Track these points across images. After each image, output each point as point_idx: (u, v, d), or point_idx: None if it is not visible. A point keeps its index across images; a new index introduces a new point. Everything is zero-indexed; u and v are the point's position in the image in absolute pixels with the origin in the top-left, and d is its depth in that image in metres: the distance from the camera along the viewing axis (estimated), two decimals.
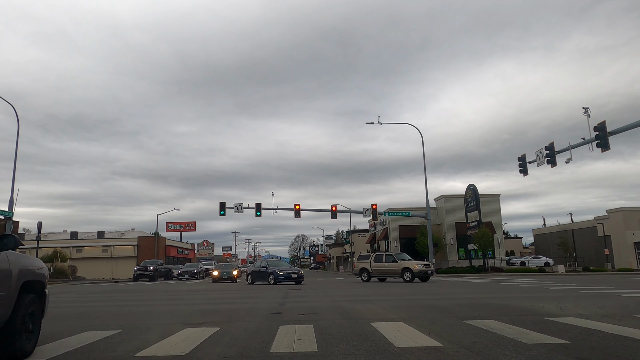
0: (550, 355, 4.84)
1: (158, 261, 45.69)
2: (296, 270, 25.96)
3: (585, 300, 11.48)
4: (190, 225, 79.73)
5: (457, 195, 46.54)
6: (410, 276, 25.18)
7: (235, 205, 41.27)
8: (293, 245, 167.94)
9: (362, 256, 29.11)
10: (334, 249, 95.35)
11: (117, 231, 78.24)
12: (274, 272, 25.05)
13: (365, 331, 6.75)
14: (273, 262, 27.89)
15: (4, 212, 28.51)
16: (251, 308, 11.06)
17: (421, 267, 25.59)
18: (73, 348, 5.77)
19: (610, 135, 21.67)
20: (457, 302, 11.57)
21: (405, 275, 25.40)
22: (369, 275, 27.22)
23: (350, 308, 10.45)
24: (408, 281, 24.92)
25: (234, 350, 5.42)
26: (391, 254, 27.78)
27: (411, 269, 25.44)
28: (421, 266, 25.67)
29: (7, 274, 4.74)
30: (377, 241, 55.71)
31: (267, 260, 29.07)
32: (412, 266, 25.66)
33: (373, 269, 27.01)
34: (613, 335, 6.06)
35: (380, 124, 37.85)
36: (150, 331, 7.20)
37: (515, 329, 6.66)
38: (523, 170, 28.85)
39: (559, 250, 53.78)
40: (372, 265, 27.10)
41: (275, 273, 24.93)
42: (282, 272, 25.17)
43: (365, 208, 42.72)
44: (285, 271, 25.39)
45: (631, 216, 49.75)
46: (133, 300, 15.33)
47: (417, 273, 25.17)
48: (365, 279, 27.21)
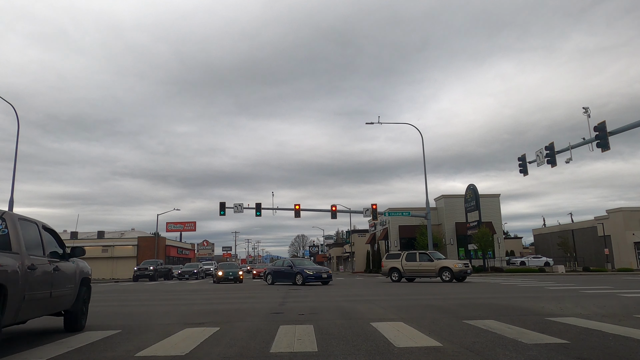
0: (550, 355, 4.84)
1: (158, 261, 45.70)
2: (325, 270, 23.97)
3: (585, 300, 11.48)
4: (190, 225, 79.71)
5: (457, 195, 46.55)
6: (450, 276, 23.63)
7: (235, 205, 41.28)
8: (293, 245, 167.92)
9: (391, 255, 27.58)
10: (334, 249, 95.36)
11: (117, 231, 78.22)
12: (301, 272, 23.09)
13: (365, 331, 6.75)
14: (299, 261, 25.90)
15: None
16: (251, 308, 11.06)
17: (461, 266, 24.11)
18: (73, 348, 5.77)
19: (610, 135, 21.67)
20: (457, 302, 11.57)
21: (444, 275, 23.86)
22: (399, 275, 25.79)
23: (350, 308, 10.45)
24: (447, 281, 23.50)
25: (234, 350, 5.43)
26: (426, 252, 26.17)
27: (451, 268, 23.89)
28: (461, 265, 24.20)
29: (74, 273, 7.25)
30: (377, 241, 55.71)
31: (290, 259, 27.17)
32: (451, 265, 24.15)
33: (405, 269, 25.57)
34: (613, 335, 6.06)
35: (380, 124, 37.85)
36: (150, 331, 7.21)
37: (515, 329, 6.66)
38: (523, 170, 28.85)
39: (559, 250, 53.79)
40: (403, 264, 25.65)
41: (304, 273, 22.96)
42: (312, 271, 23.23)
43: (365, 208, 42.73)
44: (315, 271, 23.41)
45: (631, 216, 49.74)
46: (133, 300, 15.33)
47: (458, 273, 23.65)
48: (396, 279, 25.82)
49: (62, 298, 6.78)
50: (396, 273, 25.95)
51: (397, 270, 25.92)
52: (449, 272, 23.77)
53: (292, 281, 23.81)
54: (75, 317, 7.26)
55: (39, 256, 6.08)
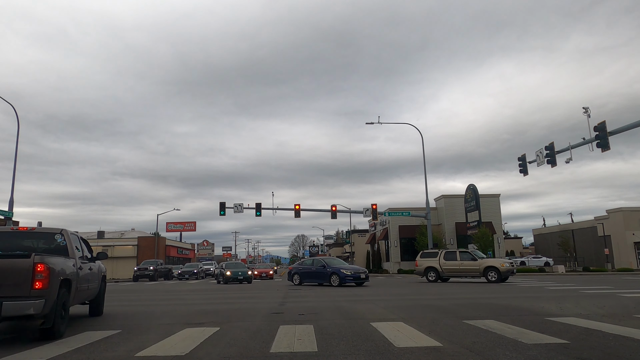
0: (550, 355, 4.84)
1: (158, 261, 45.68)
2: (363, 270, 22.09)
3: (585, 300, 11.48)
4: (190, 225, 79.67)
5: (457, 195, 46.52)
6: (497, 276, 22.14)
7: (235, 205, 41.25)
8: (293, 245, 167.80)
9: (427, 254, 25.77)
10: (334, 249, 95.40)
11: (117, 231, 78.17)
12: (338, 272, 21.19)
13: (365, 331, 6.75)
14: (330, 260, 23.83)
15: (3, 212, 28.51)
16: (251, 308, 11.06)
17: (508, 265, 22.76)
18: (73, 348, 5.77)
19: (610, 135, 21.65)
20: (457, 302, 11.57)
21: (490, 275, 22.35)
22: (437, 275, 24.28)
23: (350, 308, 10.45)
24: (493, 282, 22.06)
25: (234, 350, 5.43)
26: (467, 251, 24.85)
27: (498, 267, 22.40)
28: (508, 265, 22.82)
29: (98, 272, 9.61)
30: (377, 241, 55.67)
31: (321, 257, 25.26)
32: (498, 265, 22.60)
33: (444, 268, 24.07)
34: (613, 335, 6.06)
35: (380, 124, 37.82)
36: (150, 331, 7.21)
37: (515, 329, 6.66)
38: (523, 170, 28.83)
39: (559, 250, 53.79)
40: (441, 263, 24.16)
41: (341, 273, 21.04)
42: (349, 271, 21.32)
43: (365, 208, 42.69)
44: (353, 271, 21.52)
45: (631, 216, 49.72)
46: (133, 300, 15.32)
47: (505, 272, 22.26)
48: (433, 279, 24.30)
49: (92, 290, 9.06)
50: (433, 273, 24.41)
51: (434, 269, 24.43)
52: (495, 271, 22.35)
53: (325, 282, 21.98)
54: (97, 305, 9.73)
55: (81, 260, 8.18)
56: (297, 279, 23.70)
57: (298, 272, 23.84)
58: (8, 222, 29.04)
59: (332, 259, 24.57)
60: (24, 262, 6.19)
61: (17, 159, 29.74)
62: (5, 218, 28.98)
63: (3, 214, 28.60)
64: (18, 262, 6.21)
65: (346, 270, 21.44)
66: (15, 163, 29.67)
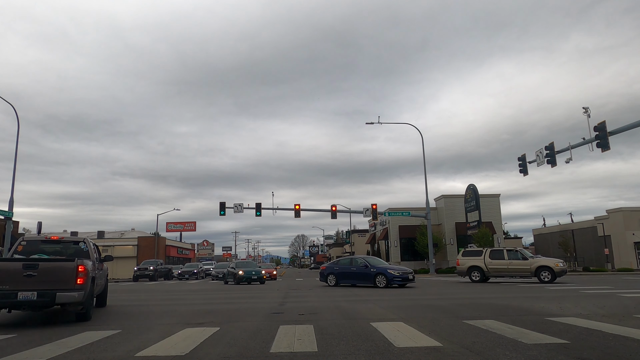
0: (550, 355, 4.84)
1: (158, 261, 45.65)
2: (410, 271, 20.45)
3: (585, 300, 11.48)
4: (190, 225, 79.67)
5: (457, 195, 46.50)
6: (550, 276, 21.13)
7: (235, 205, 41.25)
8: (293, 245, 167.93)
9: (469, 252, 24.55)
10: (334, 249, 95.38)
11: (117, 231, 78.17)
12: (384, 272, 19.67)
13: (365, 331, 6.75)
14: (372, 259, 22.13)
15: (3, 212, 28.50)
16: (251, 308, 11.06)
17: (562, 265, 21.82)
18: (73, 348, 5.77)
19: (610, 136, 21.66)
20: (457, 302, 11.57)
21: (542, 274, 21.31)
22: (482, 275, 22.99)
23: (350, 308, 10.45)
24: (546, 282, 20.94)
25: (234, 350, 5.43)
26: (515, 249, 23.66)
27: (552, 267, 21.39)
28: (562, 264, 21.86)
29: (105, 271, 11.87)
30: (377, 241, 55.70)
31: (362, 256, 23.46)
32: (552, 264, 21.59)
33: (489, 267, 22.89)
34: (613, 335, 6.06)
35: (380, 124, 37.83)
36: (150, 331, 7.21)
37: (515, 329, 6.66)
38: (523, 170, 28.84)
39: (559, 250, 53.75)
40: (487, 262, 23.00)
41: (389, 273, 19.55)
42: (397, 272, 19.78)
43: (365, 208, 42.70)
44: (401, 271, 19.96)
45: (631, 216, 49.70)
46: (133, 300, 15.32)
47: (560, 272, 21.36)
48: (477, 279, 23.02)
49: (102, 286, 11.18)
50: (477, 272, 23.16)
51: (478, 269, 23.18)
52: (549, 271, 21.33)
53: (368, 283, 20.30)
54: (103, 298, 11.84)
55: (96, 261, 10.05)
56: (333, 280, 21.80)
57: (334, 272, 22.00)
58: (8, 222, 29.03)
59: (372, 258, 22.95)
60: (69, 264, 8.43)
61: (17, 159, 29.75)
62: (5, 218, 28.96)
63: (3, 214, 28.58)
64: (65, 264, 8.44)
65: (393, 270, 20.04)
66: (15, 163, 29.68)
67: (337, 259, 23.44)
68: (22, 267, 8.18)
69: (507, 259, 22.76)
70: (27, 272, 8.13)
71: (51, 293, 8.09)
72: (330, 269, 22.53)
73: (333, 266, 22.69)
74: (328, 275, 22.25)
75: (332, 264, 23.29)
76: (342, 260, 23.47)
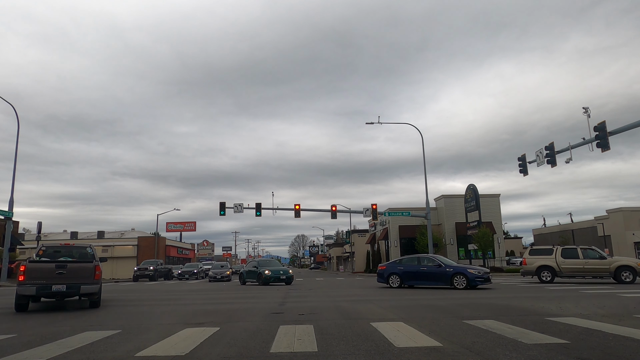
0: (550, 355, 4.84)
1: (158, 261, 45.64)
2: (488, 271, 18.76)
3: (585, 300, 11.48)
4: (190, 225, 79.68)
5: (457, 195, 46.50)
6: (632, 276, 19.68)
7: (235, 205, 41.24)
8: (293, 245, 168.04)
9: (538, 250, 23.03)
10: (334, 249, 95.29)
11: (117, 231, 78.15)
12: (464, 272, 17.93)
13: (365, 331, 6.75)
14: (444, 258, 20.20)
15: (3, 212, 28.51)
16: (251, 308, 11.06)
17: None
18: (73, 348, 5.77)
19: (610, 136, 21.66)
20: (457, 302, 11.57)
21: (624, 274, 19.78)
22: (553, 275, 21.39)
23: (350, 308, 10.45)
24: (627, 282, 19.45)
25: (234, 350, 5.43)
26: (591, 247, 22.15)
27: (634, 267, 19.86)
28: None
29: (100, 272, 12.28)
30: (377, 241, 55.68)
31: (432, 255, 21.07)
32: (634, 264, 20.04)
33: (562, 267, 21.28)
34: (613, 335, 6.06)
35: (380, 124, 37.81)
36: (150, 331, 7.21)
37: (515, 329, 6.66)
38: (523, 170, 28.83)
39: None
40: (559, 261, 21.42)
41: (470, 273, 17.84)
42: (478, 272, 18.15)
43: (365, 208, 42.68)
44: (481, 272, 18.26)
45: (631, 216, 49.73)
46: (133, 300, 15.32)
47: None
48: (548, 279, 21.36)
49: None
50: (548, 272, 21.54)
51: (549, 268, 21.59)
52: (631, 271, 19.86)
53: (444, 284, 18.44)
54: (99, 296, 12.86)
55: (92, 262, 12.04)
56: (397, 281, 19.62)
57: (397, 272, 19.66)
58: (8, 222, 29.03)
59: (440, 257, 20.82)
60: (89, 264, 11.75)
61: (17, 159, 29.77)
62: (5, 218, 28.96)
63: (3, 214, 28.59)
64: (87, 264, 11.73)
65: (473, 270, 18.27)
66: (15, 163, 29.70)
67: (399, 258, 21.55)
68: (55, 267, 11.21)
69: (582, 258, 21.21)
70: (59, 271, 11.16)
71: (77, 286, 11.22)
72: (392, 268, 20.15)
73: (395, 265, 20.25)
74: (390, 275, 19.88)
75: (393, 263, 20.76)
76: (406, 259, 20.95)
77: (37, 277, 11.01)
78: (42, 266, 11.27)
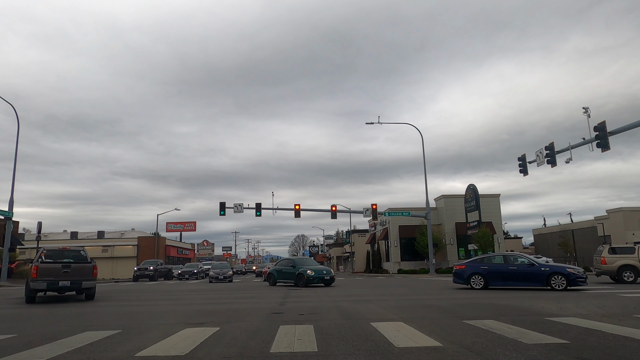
0: (550, 355, 4.84)
1: (158, 261, 45.66)
2: (581, 271, 17.15)
3: (585, 300, 11.49)
4: (190, 225, 79.72)
5: (457, 195, 46.49)
6: None
7: (235, 205, 41.27)
8: (293, 245, 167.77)
9: (619, 249, 21.39)
10: (334, 249, 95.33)
11: (117, 231, 78.17)
12: (563, 272, 16.43)
13: (365, 331, 6.75)
14: (531, 257, 18.56)
15: (3, 212, 28.52)
16: (251, 308, 11.06)
17: None
18: (73, 348, 5.77)
19: (610, 136, 21.68)
20: (457, 302, 11.57)
21: None
22: (636, 275, 19.84)
23: (350, 308, 10.45)
24: None
25: (234, 350, 5.43)
26: None
27: None
28: None
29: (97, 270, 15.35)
30: (377, 241, 55.68)
31: (520, 253, 19.47)
32: None
33: None
34: (613, 335, 6.06)
35: (380, 124, 37.87)
36: (151, 331, 7.21)
37: (515, 329, 6.66)
38: (523, 170, 28.86)
39: (559, 250, 53.82)
40: None
41: (569, 273, 16.46)
42: (576, 271, 16.86)
43: (365, 208, 42.72)
44: (580, 272, 16.92)
45: (631, 216, 49.71)
46: (133, 300, 15.33)
47: None
48: (630, 280, 19.88)
49: None
50: (631, 272, 19.89)
51: (633, 268, 19.97)
52: None
53: (538, 284, 16.73)
54: (92, 291, 15.26)
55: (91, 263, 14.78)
56: (480, 281, 17.48)
57: (480, 272, 17.62)
58: (8, 222, 29.03)
59: (528, 255, 19.28)
60: (89, 264, 14.52)
61: (17, 159, 29.79)
62: (5, 218, 28.97)
63: (3, 214, 28.60)
64: (87, 265, 14.46)
65: (572, 269, 16.87)
66: (15, 163, 29.72)
67: (480, 257, 19.25)
68: (61, 266, 13.98)
69: None
70: (65, 270, 13.93)
71: (79, 282, 14.07)
72: (474, 267, 17.97)
73: (478, 265, 18.03)
74: (471, 275, 17.75)
75: (473, 262, 18.45)
76: (489, 257, 18.72)
77: (47, 275, 13.67)
78: (51, 266, 13.88)
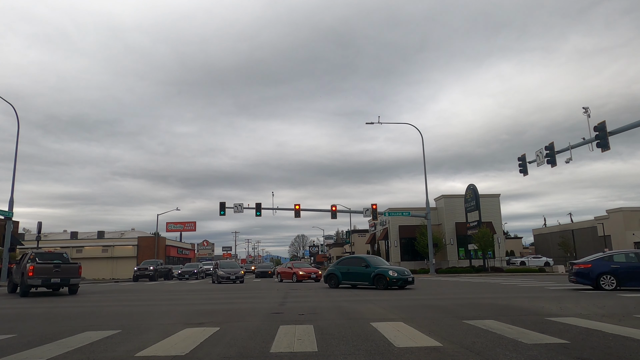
0: (550, 355, 4.84)
1: (158, 261, 45.65)
2: None
3: (585, 300, 11.48)
4: (190, 225, 79.67)
5: (457, 195, 46.49)
6: None
7: (235, 205, 41.26)
8: (293, 245, 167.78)
9: None
10: (334, 249, 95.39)
11: (117, 231, 78.13)
12: None
13: (365, 331, 6.75)
14: None
15: (3, 212, 28.50)
16: (251, 308, 11.06)
17: None
18: (73, 348, 5.77)
19: (610, 136, 21.67)
20: (457, 302, 11.57)
21: None
22: None
23: (350, 308, 10.45)
24: None
25: (234, 350, 5.43)
26: None
27: None
28: None
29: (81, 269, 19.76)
30: (377, 241, 55.71)
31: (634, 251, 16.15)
32: None
33: None
34: (613, 335, 6.06)
35: (380, 124, 37.85)
36: (151, 331, 7.21)
37: (515, 329, 6.66)
38: (523, 170, 28.84)
39: (559, 250, 53.84)
40: None
41: None
42: None
43: (365, 208, 42.70)
44: None
45: (631, 216, 49.75)
46: (133, 300, 15.33)
47: None
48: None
49: None
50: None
51: None
52: None
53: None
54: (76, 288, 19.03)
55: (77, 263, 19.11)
56: (611, 282, 15.23)
57: (610, 272, 15.28)
58: (8, 222, 29.02)
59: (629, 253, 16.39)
60: (75, 265, 18.65)
61: (17, 159, 29.76)
62: (5, 218, 28.96)
63: (3, 214, 28.58)
64: (74, 265, 18.54)
65: None
66: (15, 163, 29.69)
67: (605, 254, 16.47)
68: (53, 266, 17.57)
69: None
70: (55, 269, 17.55)
71: (67, 279, 17.90)
72: (603, 266, 15.51)
73: (607, 263, 15.56)
74: (600, 275, 15.39)
75: (600, 261, 15.84)
76: (617, 254, 16.15)
77: (41, 273, 17.23)
78: (45, 266, 17.41)
